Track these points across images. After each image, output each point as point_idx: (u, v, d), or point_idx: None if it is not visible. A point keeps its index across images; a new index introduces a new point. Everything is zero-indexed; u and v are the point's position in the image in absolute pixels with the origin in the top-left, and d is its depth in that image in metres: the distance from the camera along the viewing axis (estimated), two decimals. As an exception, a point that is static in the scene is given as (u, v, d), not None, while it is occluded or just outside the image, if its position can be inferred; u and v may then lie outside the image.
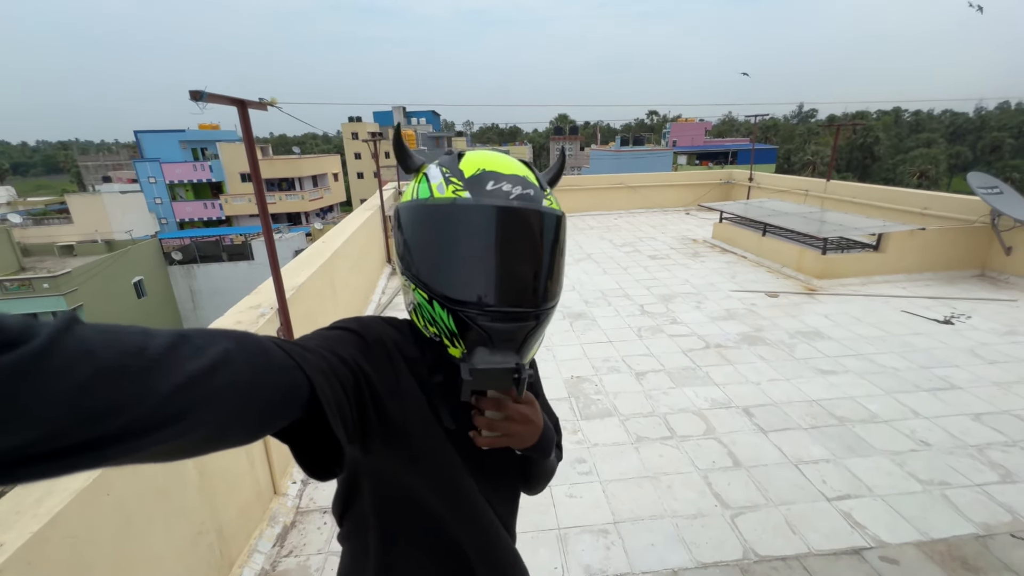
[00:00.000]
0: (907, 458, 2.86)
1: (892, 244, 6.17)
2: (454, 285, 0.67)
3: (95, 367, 0.32)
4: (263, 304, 2.85)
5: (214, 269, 23.19)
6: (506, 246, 0.67)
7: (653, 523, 2.45)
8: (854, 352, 4.23)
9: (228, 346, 0.42)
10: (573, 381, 3.88)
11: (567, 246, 0.71)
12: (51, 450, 0.31)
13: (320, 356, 0.56)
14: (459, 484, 0.73)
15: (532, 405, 0.73)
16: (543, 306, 0.71)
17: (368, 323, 0.71)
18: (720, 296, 5.76)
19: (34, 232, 26.58)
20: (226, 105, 2.29)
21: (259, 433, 0.47)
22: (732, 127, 69.93)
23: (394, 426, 0.66)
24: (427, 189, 0.70)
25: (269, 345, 0.49)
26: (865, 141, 50.76)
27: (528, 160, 0.77)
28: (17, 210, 31.81)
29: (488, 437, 0.70)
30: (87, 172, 51.11)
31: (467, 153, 0.73)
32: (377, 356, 0.66)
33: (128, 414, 0.34)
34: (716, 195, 12.18)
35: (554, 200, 0.73)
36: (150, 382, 0.35)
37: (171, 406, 0.36)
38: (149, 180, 30.87)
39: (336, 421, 0.53)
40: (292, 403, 0.49)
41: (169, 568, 1.71)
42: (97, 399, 0.32)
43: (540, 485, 0.90)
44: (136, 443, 0.35)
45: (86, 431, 0.32)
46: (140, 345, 0.35)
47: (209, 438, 0.41)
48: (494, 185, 0.67)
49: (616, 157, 35.17)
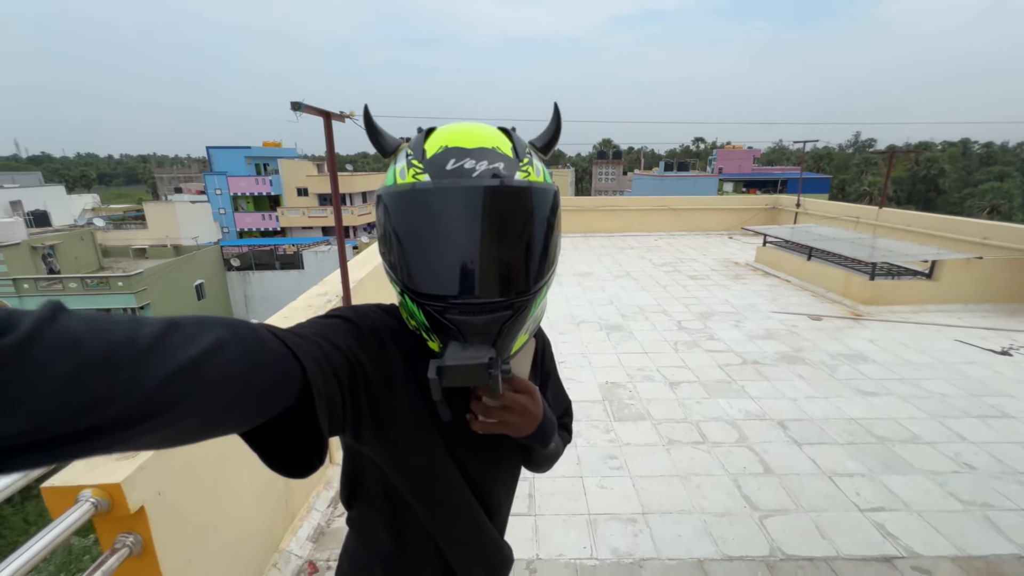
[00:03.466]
0: (948, 478, 2.81)
1: (946, 272, 5.96)
2: (419, 278, 0.63)
3: (82, 356, 0.32)
4: (329, 292, 3.18)
5: (267, 276, 24.63)
6: (467, 231, 0.61)
7: (681, 517, 2.53)
8: (899, 376, 4.14)
9: (221, 334, 0.41)
10: (608, 386, 4.00)
11: (557, 221, 0.67)
12: (39, 440, 0.31)
13: (315, 344, 0.55)
14: (443, 480, 0.73)
15: (531, 395, 0.70)
16: (519, 295, 0.64)
17: (364, 312, 0.69)
18: (760, 317, 5.73)
19: (114, 235, 29.24)
20: (315, 115, 2.66)
21: (253, 419, 0.47)
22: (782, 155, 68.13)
23: (384, 417, 0.65)
24: (392, 175, 0.65)
25: (263, 332, 0.48)
26: (929, 173, 48.23)
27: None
28: (100, 215, 35.02)
29: (484, 422, 0.69)
30: (161, 183, 55.81)
31: (436, 129, 0.67)
32: (371, 345, 0.64)
33: (117, 404, 0.33)
34: (761, 220, 12.00)
35: (535, 170, 0.65)
36: (139, 371, 0.34)
37: (162, 395, 0.35)
38: (216, 192, 33.33)
39: (323, 409, 0.52)
40: (285, 390, 0.49)
41: (248, 504, 1.98)
42: (85, 389, 0.31)
43: (544, 467, 0.88)
44: (126, 432, 0.34)
45: (74, 422, 0.32)
46: (129, 334, 0.35)
47: (202, 426, 0.41)
48: (455, 163, 0.61)
49: (659, 181, 35.05)
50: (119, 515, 1.34)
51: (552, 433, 0.78)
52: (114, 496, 1.31)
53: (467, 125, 0.67)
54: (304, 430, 0.53)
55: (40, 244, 20.09)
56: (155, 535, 1.42)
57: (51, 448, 0.31)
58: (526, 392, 0.70)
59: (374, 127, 0.71)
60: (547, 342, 0.91)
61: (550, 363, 0.91)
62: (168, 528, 1.48)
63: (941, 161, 50.17)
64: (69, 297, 19.48)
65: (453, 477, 0.73)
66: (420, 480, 0.72)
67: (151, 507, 1.41)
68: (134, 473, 1.34)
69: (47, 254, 20.37)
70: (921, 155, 44.05)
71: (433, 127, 0.68)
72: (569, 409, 0.96)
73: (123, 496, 1.31)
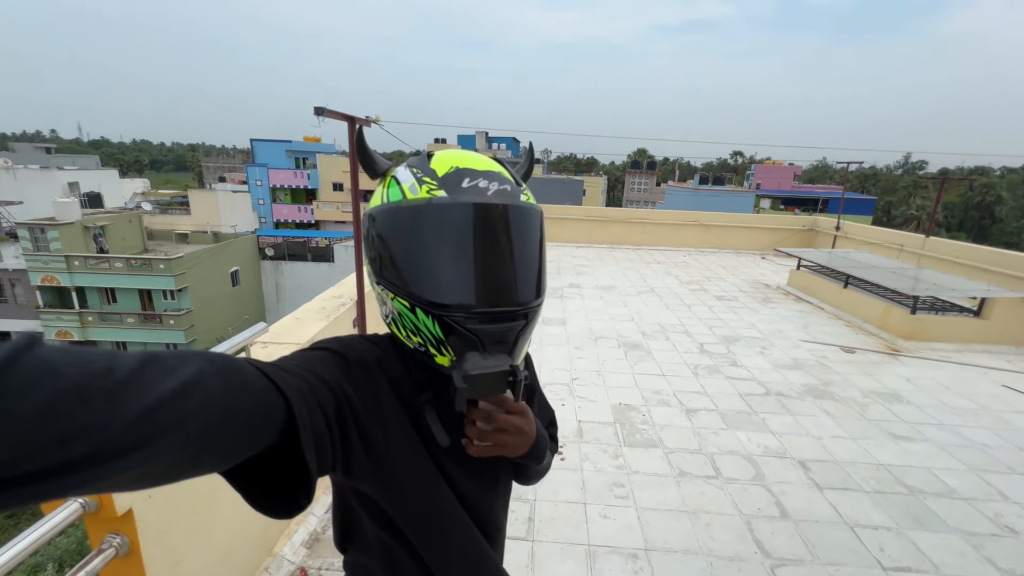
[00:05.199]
0: (986, 541, 2.59)
1: (997, 310, 5.57)
2: (437, 288, 0.64)
3: (58, 387, 0.30)
4: (344, 295, 3.19)
5: (299, 267, 25.31)
6: (489, 243, 0.65)
7: (686, 557, 2.41)
8: (936, 421, 3.87)
9: (202, 367, 0.40)
10: (621, 408, 3.88)
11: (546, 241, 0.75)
12: (15, 476, 0.29)
13: (300, 377, 0.54)
14: (442, 509, 0.72)
15: (524, 415, 0.71)
16: (531, 303, 0.68)
17: (349, 343, 0.69)
18: (788, 345, 5.48)
19: (159, 219, 30.69)
20: (339, 120, 2.68)
21: (235, 456, 0.45)
22: (825, 174, 65.85)
23: (376, 448, 0.64)
24: (398, 191, 0.67)
25: (245, 366, 0.47)
26: (984, 200, 45.64)
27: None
28: (149, 199, 36.81)
29: (479, 446, 0.69)
30: (207, 172, 58.28)
31: (436, 152, 0.71)
32: (359, 377, 0.64)
33: (94, 438, 0.32)
34: (796, 242, 11.56)
35: (530, 195, 0.72)
36: (117, 404, 0.33)
37: (140, 429, 0.34)
38: (256, 183, 34.52)
39: (309, 443, 0.51)
40: (268, 425, 0.47)
41: (243, 507, 1.96)
42: (61, 421, 0.30)
43: (534, 480, 0.91)
44: (102, 469, 0.33)
45: (49, 456, 0.30)
46: (107, 366, 0.34)
47: (182, 462, 0.40)
48: (470, 182, 0.65)
49: (692, 195, 34.37)
50: (107, 516, 1.35)
51: (546, 449, 0.80)
52: (102, 498, 1.32)
53: (466, 151, 0.72)
54: (290, 468, 0.53)
55: (92, 224, 21.18)
56: (142, 537, 1.42)
57: (19, 486, 0.30)
58: (519, 412, 0.71)
59: (366, 149, 0.74)
60: (528, 355, 0.93)
61: (534, 376, 0.92)
62: (156, 530, 1.48)
63: (999, 188, 47.41)
64: (114, 276, 20.53)
65: (451, 504, 0.73)
66: (418, 511, 0.71)
67: (140, 509, 1.41)
68: (124, 476, 1.35)
69: (98, 234, 21.46)
70: (976, 180, 41.67)
71: (431, 152, 0.72)
72: (554, 419, 0.97)
73: (111, 498, 1.32)
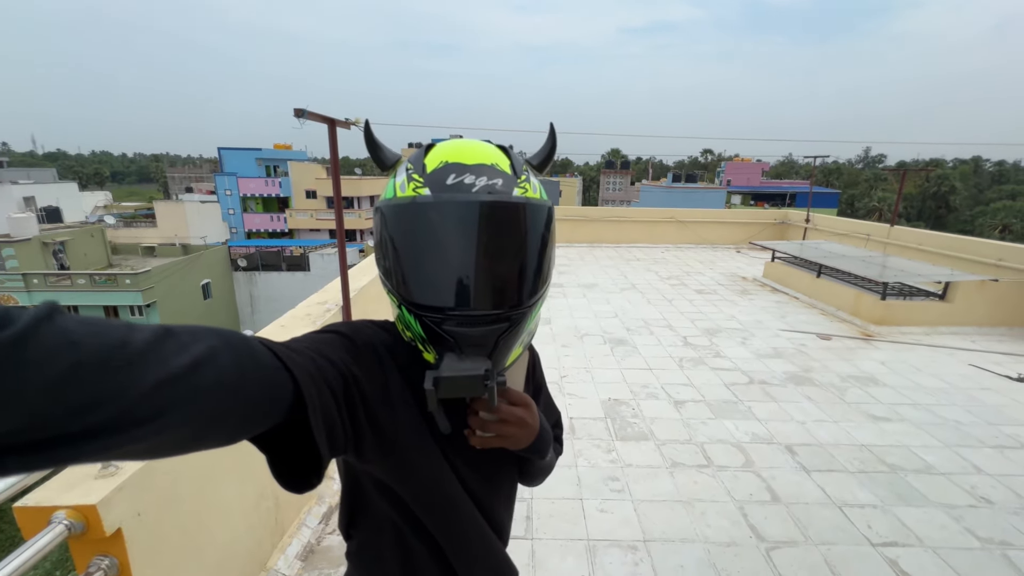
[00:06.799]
0: (965, 513, 2.70)
1: (960, 294, 5.83)
2: (417, 289, 0.64)
3: (77, 357, 0.31)
4: (328, 301, 3.13)
5: (273, 278, 24.72)
6: (466, 244, 0.62)
7: (683, 546, 2.44)
8: (911, 401, 4.02)
9: (214, 343, 0.41)
10: (610, 403, 3.91)
11: (552, 237, 0.69)
12: (30, 442, 0.30)
13: (308, 358, 0.54)
14: (453, 497, 0.71)
15: (528, 408, 0.70)
16: (515, 307, 0.65)
17: (359, 327, 0.69)
18: (768, 335, 5.62)
19: (124, 233, 29.53)
20: (319, 122, 2.63)
21: (239, 435, 0.46)
22: (791, 169, 67.90)
23: (383, 433, 0.64)
24: (392, 188, 0.67)
25: (256, 344, 0.47)
26: (940, 190, 47.86)
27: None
28: (112, 212, 35.39)
29: (482, 437, 0.68)
30: (173, 182, 56.41)
31: (437, 144, 0.69)
32: (367, 361, 0.64)
33: (110, 408, 0.33)
34: (769, 235, 11.88)
35: (532, 187, 0.67)
36: (133, 376, 0.34)
37: (154, 401, 0.35)
38: (226, 192, 33.59)
39: (319, 425, 0.51)
40: (276, 405, 0.47)
41: (235, 521, 1.91)
42: (79, 390, 0.31)
43: (538, 480, 0.89)
44: (115, 439, 0.33)
45: (66, 423, 0.31)
46: (123, 338, 0.34)
47: (187, 437, 0.40)
48: (455, 178, 0.62)
49: (667, 192, 35.01)
50: (95, 537, 1.28)
51: (549, 444, 0.78)
52: (89, 518, 1.25)
53: (467, 141, 0.68)
54: (300, 448, 0.52)
55: (51, 240, 20.27)
56: (132, 558, 1.35)
57: (41, 451, 0.31)
58: (522, 404, 0.70)
59: (374, 141, 0.73)
60: (536, 354, 0.92)
61: (540, 375, 0.92)
62: (147, 550, 1.41)
63: (952, 179, 49.79)
64: (77, 293, 19.63)
65: (462, 495, 0.72)
66: (431, 496, 0.70)
67: (129, 529, 1.35)
68: (112, 494, 1.28)
69: (57, 250, 20.54)
70: (932, 172, 43.66)
71: (433, 143, 0.70)
72: (559, 421, 0.95)
73: (99, 518, 1.25)
